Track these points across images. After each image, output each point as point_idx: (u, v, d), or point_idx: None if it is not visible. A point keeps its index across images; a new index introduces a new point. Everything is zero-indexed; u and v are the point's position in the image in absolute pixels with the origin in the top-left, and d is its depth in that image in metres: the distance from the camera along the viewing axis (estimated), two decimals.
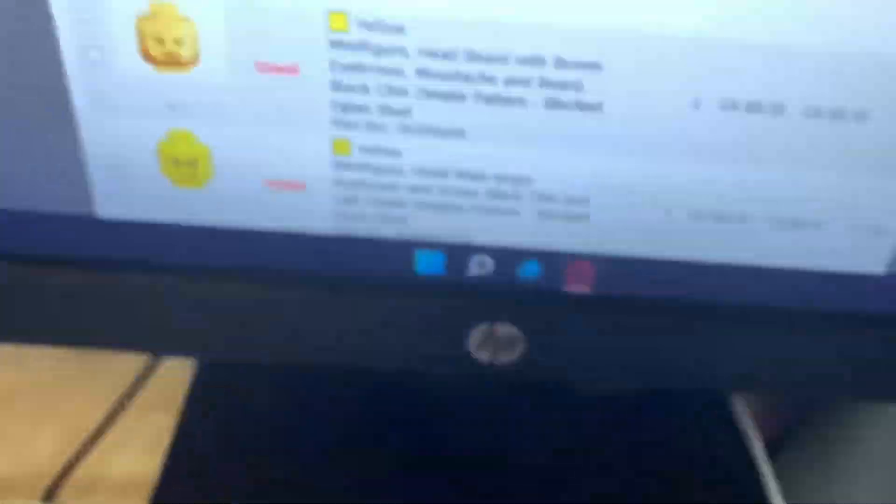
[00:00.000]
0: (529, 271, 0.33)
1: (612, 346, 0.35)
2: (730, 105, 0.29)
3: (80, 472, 0.42)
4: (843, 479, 0.47)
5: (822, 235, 0.32)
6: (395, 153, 0.30)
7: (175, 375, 0.47)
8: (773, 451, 0.47)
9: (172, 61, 0.28)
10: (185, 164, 0.30)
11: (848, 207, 0.31)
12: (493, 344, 0.35)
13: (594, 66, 0.28)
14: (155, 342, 0.36)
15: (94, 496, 0.41)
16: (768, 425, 0.51)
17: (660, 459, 0.43)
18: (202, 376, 0.46)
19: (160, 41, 0.27)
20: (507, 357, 0.35)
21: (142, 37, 0.27)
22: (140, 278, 0.33)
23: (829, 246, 0.32)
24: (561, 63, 0.28)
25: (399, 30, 0.27)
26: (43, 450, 0.43)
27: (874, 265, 0.33)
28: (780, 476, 0.44)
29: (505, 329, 0.34)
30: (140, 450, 0.43)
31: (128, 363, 0.48)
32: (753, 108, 0.29)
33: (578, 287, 0.34)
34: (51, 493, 0.40)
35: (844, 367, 0.35)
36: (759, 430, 0.48)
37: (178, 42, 0.27)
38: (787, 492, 0.43)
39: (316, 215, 0.32)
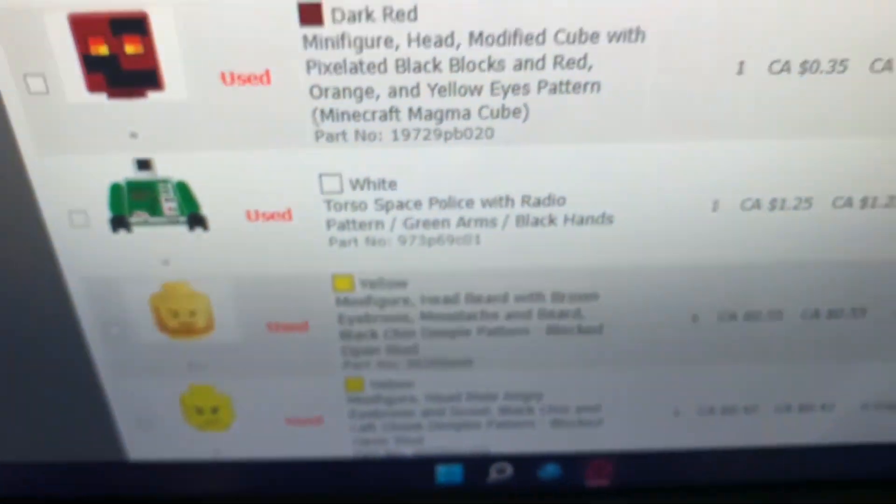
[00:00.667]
0: (549, 473, 0.34)
1: None
2: (728, 317, 0.29)
3: None
4: None
5: (833, 416, 0.33)
6: (406, 384, 0.31)
7: None
8: None
9: (188, 330, 0.29)
10: (207, 411, 0.31)
11: (856, 390, 0.32)
12: None
13: (592, 297, 0.29)
14: None
15: None
16: None
17: None
18: None
19: (175, 314, 0.29)
20: None
21: (157, 312, 0.29)
22: None
23: (843, 423, 0.33)
24: (559, 297, 0.29)
25: (402, 284, 0.28)
26: None
27: (892, 436, 0.33)
28: None
29: None
30: None
31: None
32: (752, 316, 0.30)
33: (598, 482, 0.34)
34: None
35: None
36: None
37: (192, 314, 0.29)
38: None
39: (335, 444, 0.33)
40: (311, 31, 0.23)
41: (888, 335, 0.30)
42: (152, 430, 0.32)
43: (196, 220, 0.26)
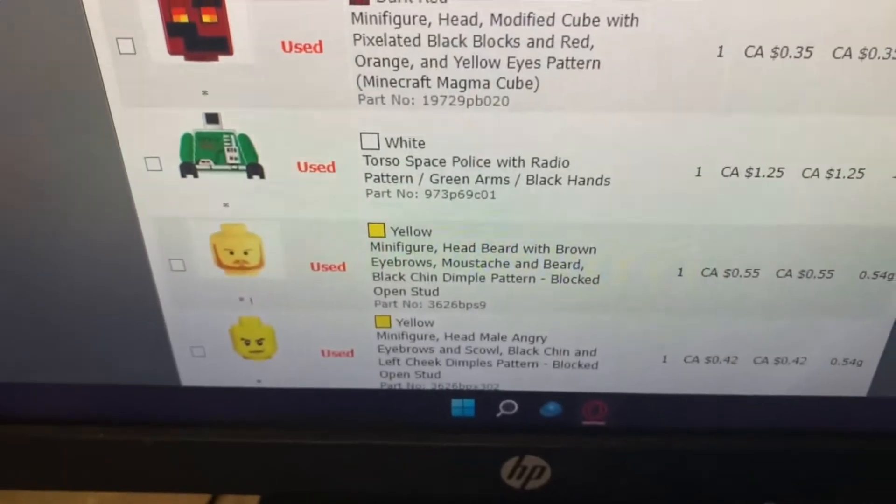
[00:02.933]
0: (551, 410, 0.39)
1: (628, 471, 0.40)
2: (710, 272, 0.34)
3: None
4: None
5: (805, 369, 0.37)
6: (428, 324, 0.36)
7: None
8: None
9: (241, 267, 0.34)
10: (253, 342, 0.36)
11: (825, 346, 0.36)
12: (523, 473, 0.40)
13: (591, 250, 0.33)
14: (229, 484, 0.42)
15: None
16: None
17: None
18: None
19: (231, 252, 0.34)
20: (536, 484, 0.40)
21: (215, 250, 0.34)
22: (218, 433, 0.39)
23: (813, 376, 0.37)
24: (562, 249, 0.33)
25: (427, 233, 0.33)
26: None
27: (856, 391, 0.38)
28: None
29: (532, 460, 0.39)
30: None
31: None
32: (731, 273, 0.34)
33: (594, 421, 0.39)
34: None
35: (839, 479, 0.40)
36: None
37: (246, 252, 0.33)
38: None
39: (363, 376, 0.37)
40: (358, 8, 0.28)
41: (853, 295, 0.35)
42: (204, 359, 0.37)
43: (254, 168, 0.31)
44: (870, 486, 0.40)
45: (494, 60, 0.28)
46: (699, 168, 0.31)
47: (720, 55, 0.28)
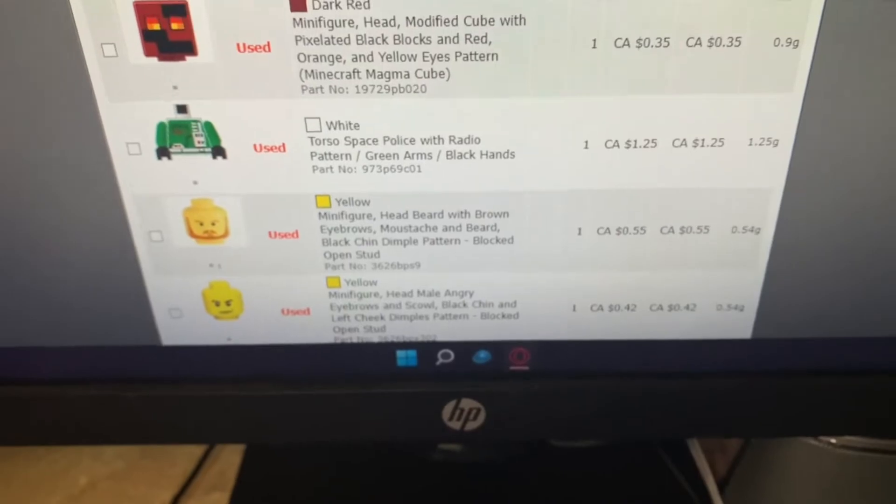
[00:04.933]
0: (482, 357, 0.45)
1: (551, 411, 0.46)
2: (604, 230, 0.41)
3: None
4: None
5: (695, 314, 0.44)
6: (372, 283, 0.42)
7: (228, 461, 0.59)
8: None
9: (210, 237, 0.40)
10: (223, 304, 0.43)
11: (710, 294, 0.43)
12: (462, 415, 0.46)
13: (504, 214, 0.40)
14: (208, 435, 0.48)
15: None
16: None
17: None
18: (249, 458, 0.58)
19: (201, 223, 0.40)
20: (474, 424, 0.47)
21: (187, 222, 0.40)
22: (194, 387, 0.45)
23: (703, 321, 0.44)
24: (480, 214, 0.40)
25: (366, 203, 0.40)
26: None
27: (741, 333, 0.45)
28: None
29: (469, 402, 0.46)
30: None
31: (186, 451, 0.61)
32: (622, 231, 0.41)
33: (520, 366, 0.46)
34: None
35: (735, 413, 0.47)
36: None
37: (213, 223, 0.40)
38: None
39: (318, 332, 0.44)
40: (298, 15, 0.34)
41: (729, 247, 0.41)
42: (181, 319, 0.43)
43: (218, 150, 0.38)
44: (762, 419, 0.47)
45: (412, 55, 0.35)
46: (586, 141, 0.38)
47: (594, 47, 0.35)
